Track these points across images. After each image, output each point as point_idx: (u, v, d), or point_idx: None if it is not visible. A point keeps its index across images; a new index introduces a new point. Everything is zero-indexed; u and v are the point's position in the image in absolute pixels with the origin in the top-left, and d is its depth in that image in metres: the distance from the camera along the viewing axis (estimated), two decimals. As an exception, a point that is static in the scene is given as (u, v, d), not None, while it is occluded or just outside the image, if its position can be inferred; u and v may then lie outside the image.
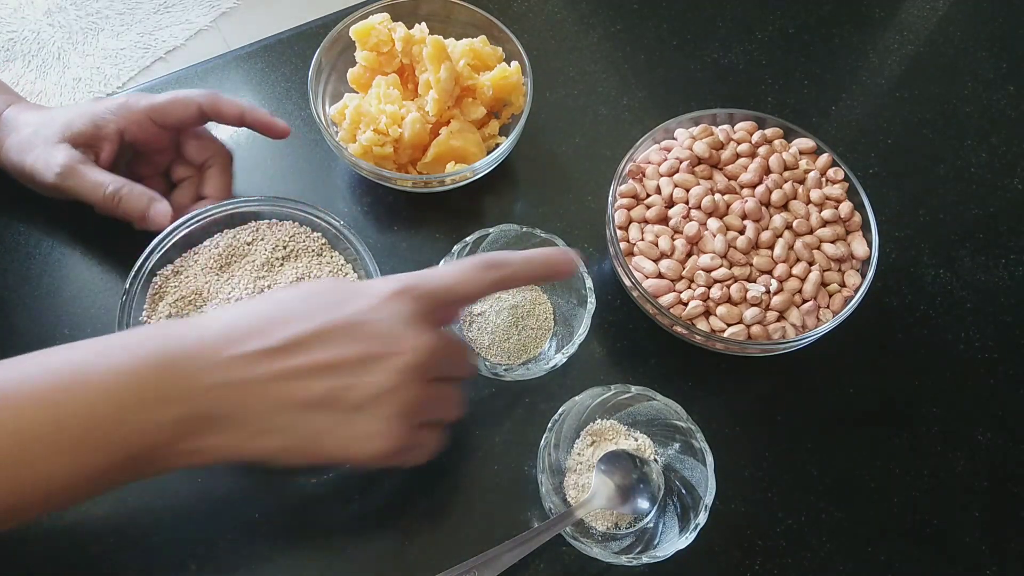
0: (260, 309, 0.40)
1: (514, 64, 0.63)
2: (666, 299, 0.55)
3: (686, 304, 0.55)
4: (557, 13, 0.76)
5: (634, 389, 0.52)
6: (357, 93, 0.63)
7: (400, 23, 0.62)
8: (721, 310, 0.54)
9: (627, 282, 0.56)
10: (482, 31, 0.65)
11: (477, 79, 0.62)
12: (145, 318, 0.52)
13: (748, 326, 0.54)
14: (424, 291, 0.41)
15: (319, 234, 0.57)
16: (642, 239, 0.57)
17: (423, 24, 0.63)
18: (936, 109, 0.73)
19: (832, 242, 0.57)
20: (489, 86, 0.62)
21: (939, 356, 0.61)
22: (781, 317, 0.55)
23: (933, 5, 0.80)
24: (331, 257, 0.56)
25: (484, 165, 0.60)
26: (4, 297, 0.58)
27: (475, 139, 0.62)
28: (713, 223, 0.56)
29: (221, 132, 0.63)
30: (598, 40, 0.75)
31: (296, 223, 0.57)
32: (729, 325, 0.54)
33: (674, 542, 0.48)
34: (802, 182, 0.59)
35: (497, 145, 0.63)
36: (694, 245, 0.56)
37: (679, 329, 0.55)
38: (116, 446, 0.36)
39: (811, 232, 0.57)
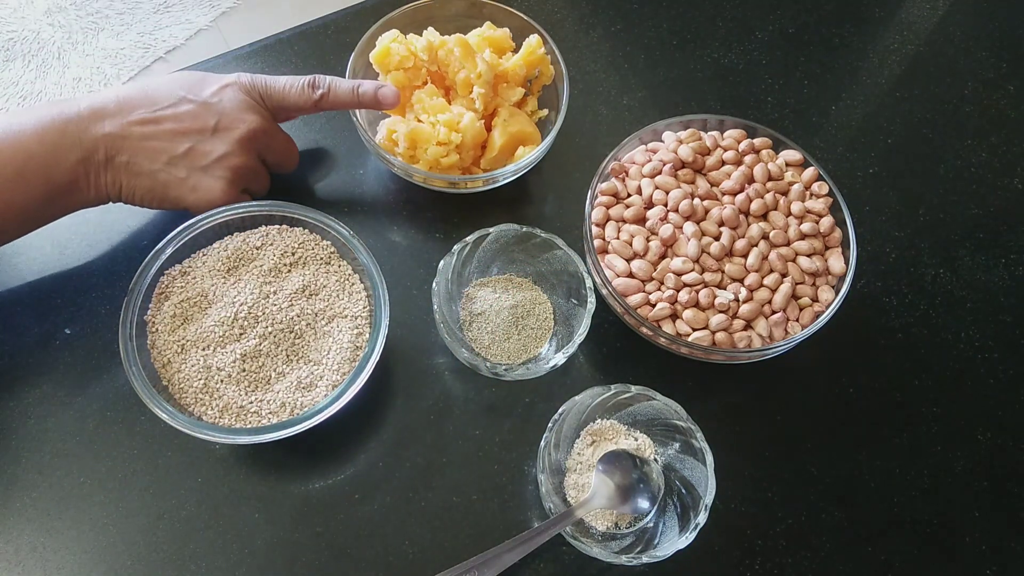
0: (138, 89, 0.54)
1: (533, 37, 0.63)
2: (634, 299, 0.55)
3: (654, 305, 0.55)
4: (557, 13, 0.76)
5: (634, 389, 0.52)
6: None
7: (412, 34, 0.62)
8: (688, 314, 0.54)
9: (597, 279, 0.56)
10: (484, 19, 0.65)
11: (503, 64, 0.63)
12: (150, 317, 0.52)
13: (713, 332, 0.54)
14: (252, 85, 0.57)
15: (328, 243, 0.56)
16: (617, 238, 0.57)
17: (430, 29, 0.63)
18: (936, 109, 0.73)
19: (808, 255, 0.57)
20: (522, 65, 0.62)
21: (939, 355, 0.61)
22: (748, 326, 0.55)
23: (933, 5, 0.80)
24: (339, 266, 0.56)
25: (508, 172, 0.61)
26: (7, 296, 0.58)
27: (526, 119, 0.63)
28: (689, 227, 0.56)
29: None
30: (598, 40, 0.75)
31: (306, 230, 0.56)
32: (695, 330, 0.54)
33: (674, 542, 0.48)
34: (785, 193, 0.59)
35: (540, 120, 0.65)
36: (668, 247, 0.56)
37: (645, 330, 0.55)
38: (39, 183, 0.51)
39: (787, 244, 0.57)
